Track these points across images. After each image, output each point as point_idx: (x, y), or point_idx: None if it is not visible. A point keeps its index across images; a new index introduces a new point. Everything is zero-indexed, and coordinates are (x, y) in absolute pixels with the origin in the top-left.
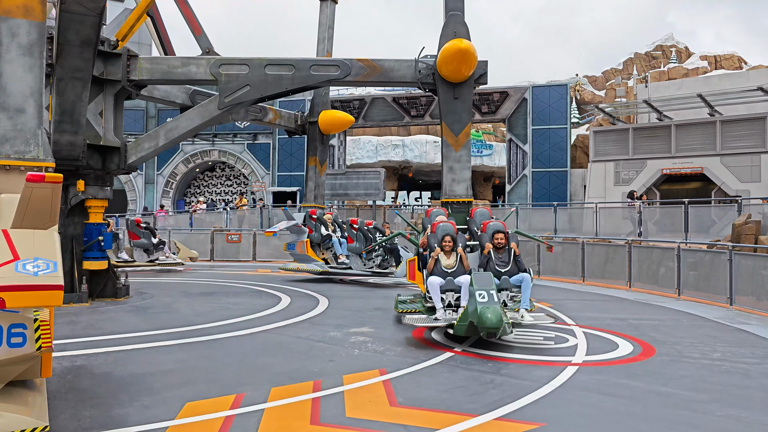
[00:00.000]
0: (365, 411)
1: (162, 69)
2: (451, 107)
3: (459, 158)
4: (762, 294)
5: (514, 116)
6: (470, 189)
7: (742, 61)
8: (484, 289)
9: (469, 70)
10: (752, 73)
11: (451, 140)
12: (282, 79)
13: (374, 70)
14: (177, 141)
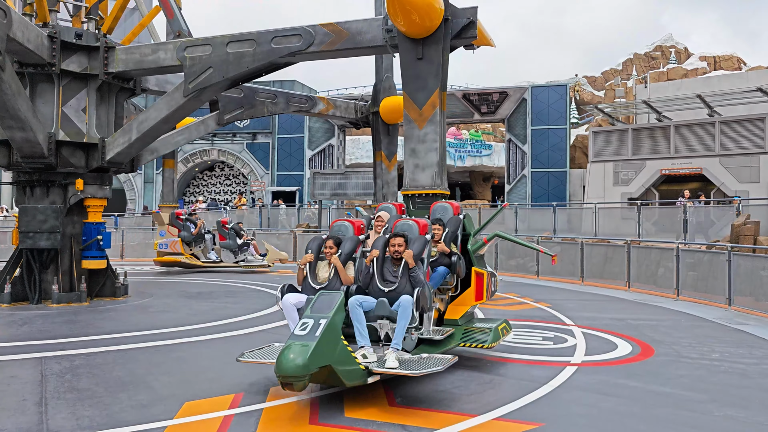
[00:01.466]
0: (364, 411)
1: (135, 58)
2: (413, 71)
3: (423, 138)
4: (760, 294)
5: (513, 116)
6: (440, 178)
7: (741, 62)
8: (311, 317)
9: (430, 20)
10: (751, 73)
11: (413, 114)
12: (243, 57)
13: (340, 35)
14: (152, 134)
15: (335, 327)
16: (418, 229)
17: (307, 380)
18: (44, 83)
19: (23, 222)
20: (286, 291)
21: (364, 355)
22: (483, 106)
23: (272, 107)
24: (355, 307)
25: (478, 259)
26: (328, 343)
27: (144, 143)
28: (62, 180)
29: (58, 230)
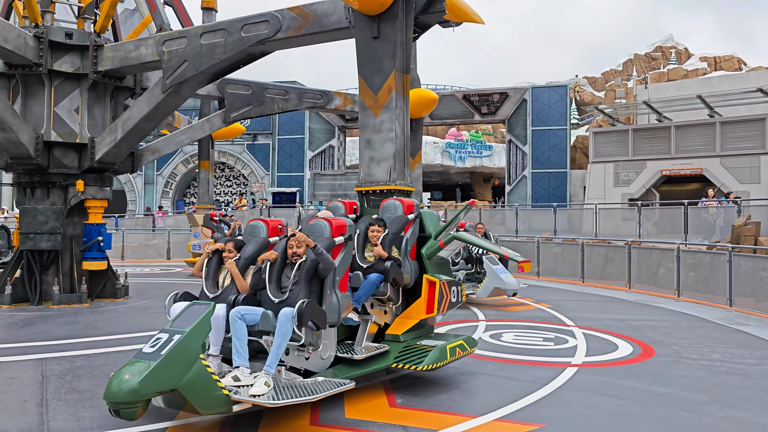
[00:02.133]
0: (365, 412)
1: (120, 56)
2: (369, 52)
3: (379, 127)
4: (761, 295)
5: (513, 117)
6: (398, 172)
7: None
8: (168, 331)
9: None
10: (752, 74)
11: (369, 100)
12: (215, 48)
13: (306, 18)
14: (139, 133)
15: (190, 344)
16: (331, 229)
17: (141, 408)
18: (37, 84)
19: (24, 223)
20: (178, 299)
21: (236, 377)
22: (483, 106)
23: (283, 104)
24: (236, 320)
25: (434, 264)
26: (177, 363)
27: (131, 142)
28: (62, 181)
29: (59, 231)
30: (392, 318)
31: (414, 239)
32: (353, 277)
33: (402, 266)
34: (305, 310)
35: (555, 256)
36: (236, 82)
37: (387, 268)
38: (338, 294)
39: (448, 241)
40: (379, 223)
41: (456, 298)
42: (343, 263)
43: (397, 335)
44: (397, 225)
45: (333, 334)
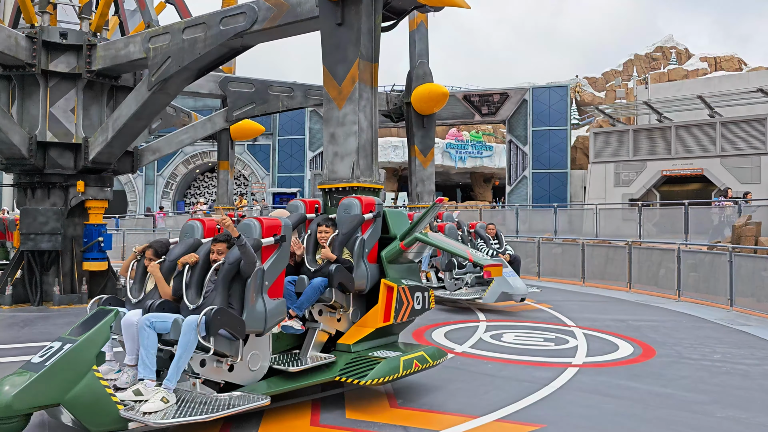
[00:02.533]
0: (365, 413)
1: (111, 54)
2: (333, 40)
3: (343, 119)
4: (762, 295)
5: (514, 117)
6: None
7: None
8: (62, 340)
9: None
10: (752, 74)
11: (332, 92)
12: (196, 43)
13: (281, 8)
14: (130, 132)
15: (81, 354)
16: (261, 229)
17: (18, 423)
18: (33, 84)
19: (24, 224)
20: (103, 303)
21: (137, 392)
22: (484, 107)
23: (288, 101)
24: (144, 328)
25: (395, 268)
26: (62, 375)
27: (124, 142)
28: (63, 182)
29: (59, 232)
30: (348, 326)
31: (374, 240)
32: (298, 281)
33: (355, 270)
34: (213, 319)
35: (555, 257)
36: (239, 80)
37: (331, 272)
38: (266, 300)
39: (409, 243)
40: (327, 223)
41: (421, 305)
42: (275, 267)
43: (348, 345)
44: (348, 225)
45: (265, 344)
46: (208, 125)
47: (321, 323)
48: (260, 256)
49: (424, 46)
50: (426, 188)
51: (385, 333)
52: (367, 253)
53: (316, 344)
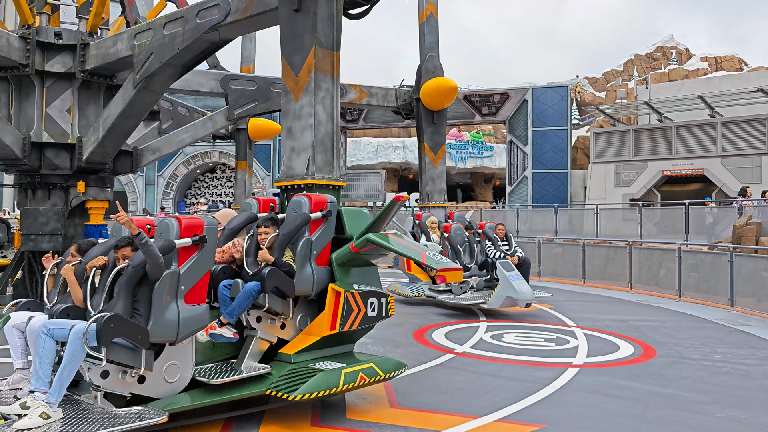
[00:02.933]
0: (366, 413)
1: (102, 53)
2: (289, 28)
3: (299, 112)
4: (762, 295)
5: (514, 118)
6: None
7: (743, 63)
8: None
9: None
10: (752, 74)
11: (290, 83)
12: (175, 39)
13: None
14: (120, 131)
15: None
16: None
17: None
18: (30, 85)
19: (25, 224)
20: (20, 308)
21: (24, 405)
22: (484, 107)
23: None
24: (40, 335)
25: (347, 271)
26: None
27: (115, 141)
28: (63, 182)
29: (60, 232)
30: (294, 333)
31: (325, 242)
32: (233, 285)
33: (298, 273)
34: (105, 327)
35: (556, 257)
36: (240, 78)
37: (263, 276)
38: (181, 306)
39: (360, 245)
40: (267, 224)
41: (377, 312)
42: (194, 270)
43: (289, 355)
44: (290, 225)
45: (187, 353)
46: (209, 124)
47: (259, 331)
48: (176, 257)
49: (434, 39)
50: (437, 187)
51: (337, 342)
52: (315, 255)
53: (253, 353)
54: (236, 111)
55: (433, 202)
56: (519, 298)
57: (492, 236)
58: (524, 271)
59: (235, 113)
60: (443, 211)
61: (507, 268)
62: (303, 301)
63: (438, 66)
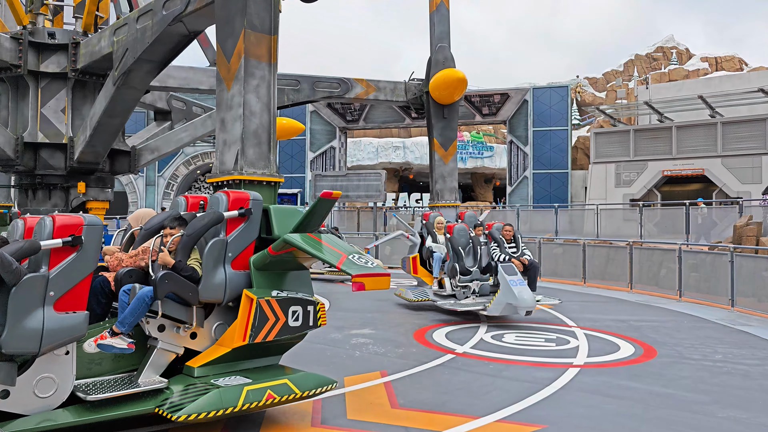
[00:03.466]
0: (366, 413)
1: (89, 51)
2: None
3: (230, 102)
4: (763, 295)
5: (514, 118)
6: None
7: (743, 63)
8: None
9: None
10: (753, 74)
11: (223, 71)
12: (146, 32)
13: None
14: (107, 130)
15: None
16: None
17: None
18: (26, 86)
19: None
20: None
21: None
22: (484, 107)
23: (294, 95)
24: None
25: (269, 276)
26: None
27: (104, 140)
28: (64, 183)
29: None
30: (209, 343)
31: (245, 243)
32: (131, 290)
33: (207, 277)
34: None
35: (556, 257)
36: None
37: (155, 281)
38: (48, 314)
39: (278, 248)
40: (172, 224)
41: (301, 322)
42: (68, 274)
43: (192, 368)
44: (196, 225)
45: (66, 365)
46: (208, 123)
47: (160, 341)
48: (47, 260)
49: (444, 29)
50: (447, 185)
51: (256, 354)
52: (231, 258)
53: (154, 366)
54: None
55: (443, 201)
56: (518, 305)
57: (498, 237)
58: (531, 276)
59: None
60: (454, 211)
61: (509, 272)
62: (221, 309)
63: (449, 57)
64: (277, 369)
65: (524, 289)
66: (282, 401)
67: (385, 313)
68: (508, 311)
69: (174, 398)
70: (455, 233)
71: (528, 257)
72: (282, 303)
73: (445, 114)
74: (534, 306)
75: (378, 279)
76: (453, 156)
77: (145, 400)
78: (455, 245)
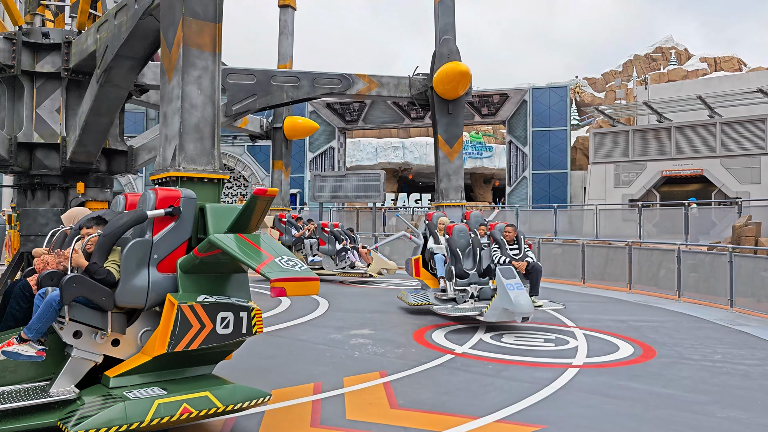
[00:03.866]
0: (366, 413)
1: (79, 50)
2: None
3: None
4: (762, 296)
5: (514, 118)
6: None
7: (742, 63)
8: None
9: None
10: (752, 75)
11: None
12: (122, 28)
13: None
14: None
15: None
16: None
17: None
18: (21, 87)
19: (24, 225)
20: None
21: None
22: (483, 107)
23: (293, 92)
24: None
25: (197, 279)
26: None
27: (94, 139)
28: (63, 183)
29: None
30: (134, 351)
31: (175, 244)
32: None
33: (125, 281)
34: None
35: (555, 257)
36: (239, 72)
37: (61, 284)
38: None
39: (203, 249)
40: (89, 223)
41: (232, 329)
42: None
43: (108, 378)
44: (113, 225)
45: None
46: None
47: (75, 348)
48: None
49: (449, 21)
50: (452, 184)
51: (182, 363)
52: (157, 260)
53: (69, 374)
54: (234, 106)
55: (448, 200)
56: (514, 311)
57: (499, 239)
58: (533, 279)
59: (233, 109)
60: (460, 211)
61: (507, 275)
62: (148, 314)
63: (454, 50)
64: (203, 380)
65: (521, 294)
66: (200, 416)
67: (384, 314)
68: (505, 317)
69: (82, 411)
70: (454, 234)
71: (530, 260)
72: (209, 309)
73: (449, 110)
74: (531, 312)
75: (303, 284)
76: (458, 153)
77: (53, 411)
78: (453, 247)
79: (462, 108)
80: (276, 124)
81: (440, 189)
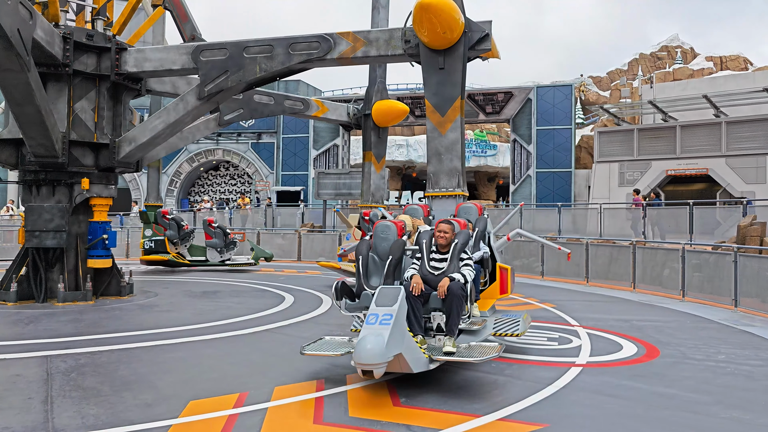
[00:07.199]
0: (368, 411)
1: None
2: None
3: None
4: (767, 296)
5: (518, 116)
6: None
7: (748, 62)
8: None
9: None
10: (758, 74)
11: None
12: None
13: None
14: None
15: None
16: None
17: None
18: (54, 83)
19: (29, 221)
20: None
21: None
22: (488, 106)
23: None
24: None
25: None
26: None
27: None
28: (68, 179)
29: (64, 229)
30: None
31: None
32: None
33: None
34: None
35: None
36: (211, 47)
37: None
38: None
39: None
40: None
41: None
42: None
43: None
44: None
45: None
46: (180, 106)
47: None
48: None
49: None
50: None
51: None
52: None
53: None
54: (207, 87)
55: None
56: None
57: (421, 244)
58: (448, 310)
59: (206, 89)
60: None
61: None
62: None
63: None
64: None
65: (372, 334)
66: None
67: None
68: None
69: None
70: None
71: (461, 279)
72: None
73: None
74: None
75: None
76: (455, 123)
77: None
78: (360, 252)
79: (460, 62)
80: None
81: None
